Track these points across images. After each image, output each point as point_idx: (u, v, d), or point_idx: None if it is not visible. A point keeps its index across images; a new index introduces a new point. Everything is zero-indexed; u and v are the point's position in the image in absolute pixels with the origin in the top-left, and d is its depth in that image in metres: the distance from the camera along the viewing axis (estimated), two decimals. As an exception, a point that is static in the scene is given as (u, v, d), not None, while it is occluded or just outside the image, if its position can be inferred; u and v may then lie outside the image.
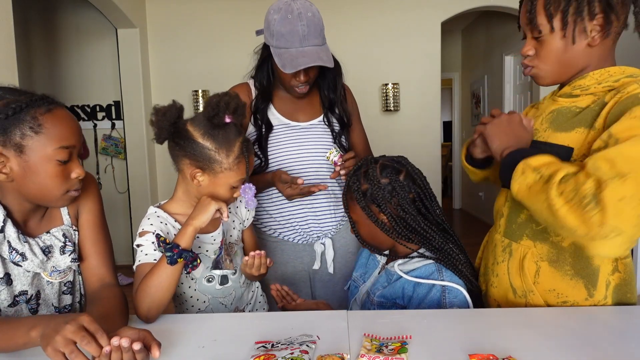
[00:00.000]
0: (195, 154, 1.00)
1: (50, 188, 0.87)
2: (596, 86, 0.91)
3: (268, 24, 1.25)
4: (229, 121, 1.00)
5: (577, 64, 0.93)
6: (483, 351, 0.75)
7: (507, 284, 1.02)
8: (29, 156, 0.83)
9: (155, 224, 1.05)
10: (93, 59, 4.16)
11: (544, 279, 0.96)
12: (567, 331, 0.83)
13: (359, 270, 1.25)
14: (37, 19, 4.14)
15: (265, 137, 1.36)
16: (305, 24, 1.20)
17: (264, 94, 1.38)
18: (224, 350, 0.80)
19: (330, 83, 1.40)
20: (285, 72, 1.22)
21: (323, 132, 1.42)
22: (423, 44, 4.10)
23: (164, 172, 4.22)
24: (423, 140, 4.15)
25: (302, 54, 1.21)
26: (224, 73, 4.06)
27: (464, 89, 6.52)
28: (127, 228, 4.22)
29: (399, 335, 0.82)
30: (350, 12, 4.03)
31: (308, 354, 0.74)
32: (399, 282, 1.05)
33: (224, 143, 1.00)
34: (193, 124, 1.01)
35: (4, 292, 0.91)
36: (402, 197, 1.03)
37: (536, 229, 0.97)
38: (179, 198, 1.12)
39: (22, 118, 0.82)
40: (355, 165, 1.11)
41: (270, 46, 1.26)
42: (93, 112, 4.20)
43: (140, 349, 0.70)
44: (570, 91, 0.95)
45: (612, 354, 0.75)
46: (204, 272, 1.12)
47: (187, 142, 1.00)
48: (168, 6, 4.08)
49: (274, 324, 0.91)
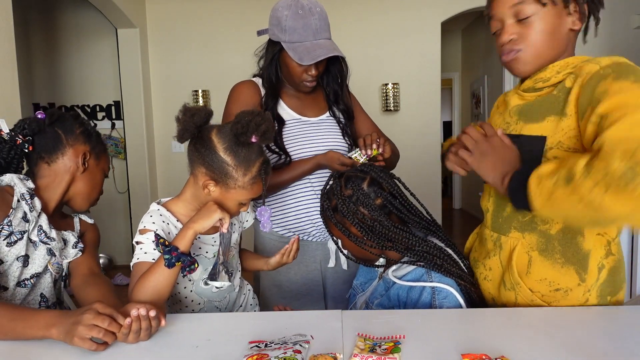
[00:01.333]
0: (212, 166, 0.99)
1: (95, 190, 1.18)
2: (556, 76, 0.93)
3: (278, 20, 1.28)
4: (254, 141, 0.98)
5: (559, 47, 0.95)
6: (476, 351, 0.75)
7: (499, 277, 1.02)
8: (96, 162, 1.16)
9: (157, 222, 1.04)
10: (93, 59, 4.17)
11: (536, 269, 0.96)
12: (559, 331, 0.83)
13: (360, 278, 1.24)
14: (37, 19, 4.15)
15: (279, 132, 1.38)
16: (317, 17, 1.26)
17: (273, 91, 1.39)
18: (217, 350, 0.81)
19: (335, 76, 1.43)
20: (303, 64, 1.25)
21: (332, 126, 1.46)
22: (423, 44, 4.10)
23: (164, 172, 4.23)
24: (423, 140, 4.15)
25: (318, 46, 1.26)
26: (224, 73, 4.07)
27: (464, 89, 6.52)
28: (127, 228, 4.23)
29: (393, 335, 0.82)
30: (350, 12, 4.03)
31: (301, 353, 0.74)
32: (393, 288, 1.05)
33: (244, 162, 0.98)
34: (218, 135, 1.00)
35: (17, 271, 1.03)
36: (367, 205, 1.03)
37: (522, 220, 0.97)
38: (185, 199, 1.11)
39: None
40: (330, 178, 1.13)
41: (282, 42, 1.28)
42: (93, 112, 4.21)
43: (155, 315, 0.82)
44: (532, 85, 0.97)
45: (604, 354, 0.75)
46: (202, 275, 1.11)
47: (207, 152, 0.99)
48: (168, 6, 4.08)
49: (268, 324, 0.91)
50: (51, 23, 4.16)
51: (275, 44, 1.33)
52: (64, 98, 4.22)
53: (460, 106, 6.69)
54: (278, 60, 1.36)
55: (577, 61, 0.92)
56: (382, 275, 1.15)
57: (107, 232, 4.28)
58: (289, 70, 1.33)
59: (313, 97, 1.46)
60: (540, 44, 0.94)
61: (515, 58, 0.96)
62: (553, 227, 0.94)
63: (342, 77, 1.44)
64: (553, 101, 0.91)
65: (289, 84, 1.40)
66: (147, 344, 0.83)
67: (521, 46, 0.95)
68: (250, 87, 1.41)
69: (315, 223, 1.41)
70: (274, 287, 1.44)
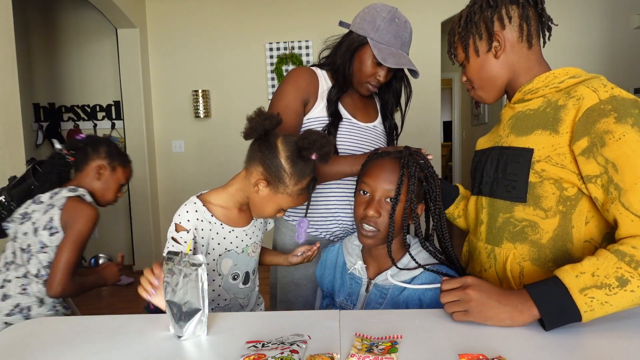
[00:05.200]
0: (271, 168, 1.07)
1: (107, 193, 1.47)
2: (544, 88, 0.98)
3: (373, 17, 1.31)
4: (314, 158, 1.07)
5: (500, 76, 1.03)
6: (473, 351, 0.75)
7: None
8: (111, 173, 1.47)
9: (192, 220, 1.09)
10: (93, 59, 4.17)
11: (528, 279, 0.97)
12: (556, 331, 0.83)
13: (340, 295, 1.16)
14: (37, 19, 4.16)
15: (335, 128, 1.38)
16: (409, 33, 1.33)
17: (344, 82, 1.38)
18: (215, 349, 0.81)
19: (395, 91, 1.49)
20: (386, 64, 1.28)
21: (380, 134, 1.49)
22: (423, 44, 4.09)
23: (164, 172, 4.23)
24: (423, 140, 4.14)
25: (402, 56, 1.31)
26: (224, 73, 4.07)
27: (464, 89, 6.49)
28: (127, 228, 4.23)
29: (390, 335, 0.83)
30: (350, 12, 4.02)
31: (298, 353, 0.74)
32: (401, 296, 1.04)
33: (299, 173, 1.07)
34: (283, 142, 1.08)
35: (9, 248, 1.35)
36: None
37: (513, 230, 0.99)
38: (229, 191, 1.16)
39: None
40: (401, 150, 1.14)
41: (369, 38, 1.31)
42: (93, 112, 4.21)
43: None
44: (522, 97, 1.02)
45: (603, 354, 0.75)
46: (232, 269, 1.15)
47: (270, 154, 1.07)
48: (168, 6, 4.09)
49: (265, 324, 0.92)
50: (51, 23, 4.16)
51: (358, 38, 1.34)
52: (64, 98, 4.22)
53: (460, 106, 6.68)
54: (354, 54, 1.36)
55: (564, 75, 0.97)
56: (370, 283, 1.11)
57: (107, 232, 4.29)
58: (360, 68, 1.35)
59: (365, 103, 1.48)
60: (486, 81, 1.05)
61: (472, 93, 1.09)
62: (544, 237, 0.95)
63: (398, 94, 1.49)
64: (543, 117, 0.95)
65: (350, 79, 1.39)
66: (145, 343, 0.84)
67: (473, 85, 1.07)
68: (311, 74, 1.40)
69: (339, 224, 1.41)
70: (292, 285, 1.44)
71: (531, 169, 0.94)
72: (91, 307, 3.25)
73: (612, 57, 4.13)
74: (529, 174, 0.94)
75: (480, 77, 1.05)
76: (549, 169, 0.92)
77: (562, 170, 0.90)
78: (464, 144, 6.58)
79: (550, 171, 0.91)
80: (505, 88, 1.06)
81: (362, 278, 1.12)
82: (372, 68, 1.34)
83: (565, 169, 0.90)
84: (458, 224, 1.25)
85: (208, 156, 4.17)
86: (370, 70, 1.34)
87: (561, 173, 0.91)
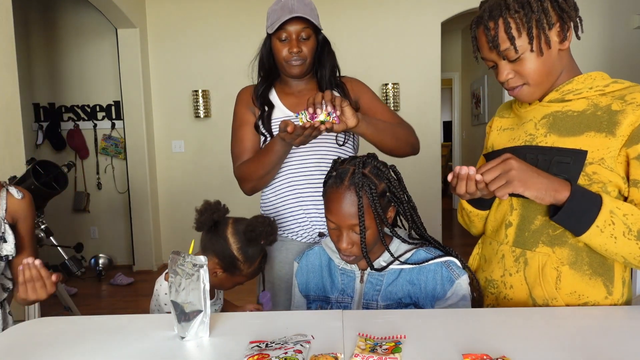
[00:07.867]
0: (224, 258, 1.17)
1: None
2: (588, 90, 0.96)
3: (267, 15, 1.36)
4: (262, 243, 1.18)
5: (556, 71, 0.97)
6: (477, 351, 0.75)
7: (526, 295, 1.00)
8: None
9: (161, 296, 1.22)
10: (93, 59, 4.16)
11: (565, 283, 0.96)
12: (560, 331, 0.83)
13: (334, 292, 1.13)
14: (37, 19, 4.15)
15: (268, 116, 1.40)
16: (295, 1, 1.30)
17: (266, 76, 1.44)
18: (218, 350, 0.81)
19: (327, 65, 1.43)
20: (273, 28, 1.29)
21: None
22: (423, 44, 4.10)
23: (164, 172, 4.22)
24: (423, 140, 4.08)
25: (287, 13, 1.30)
26: (224, 73, 4.07)
27: (464, 89, 6.51)
28: (127, 228, 4.22)
29: (394, 335, 0.82)
30: (350, 12, 4.02)
31: (302, 353, 0.74)
32: (399, 280, 1.05)
33: (250, 258, 1.19)
34: (233, 234, 1.17)
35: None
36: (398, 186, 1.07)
37: (553, 234, 0.97)
38: None
39: None
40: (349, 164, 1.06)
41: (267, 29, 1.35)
42: (93, 112, 4.21)
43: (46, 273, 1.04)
44: (560, 96, 0.98)
45: (605, 354, 0.75)
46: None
47: (222, 247, 1.16)
48: (168, 6, 4.08)
49: (268, 324, 0.91)
50: (51, 23, 4.16)
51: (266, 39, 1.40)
52: (64, 98, 4.21)
53: (460, 106, 6.68)
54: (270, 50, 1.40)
55: (601, 78, 0.96)
56: (363, 274, 1.10)
57: (107, 232, 4.29)
58: (275, 55, 1.37)
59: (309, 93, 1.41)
60: (537, 76, 0.96)
61: (520, 91, 0.99)
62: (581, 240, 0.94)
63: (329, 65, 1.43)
64: (594, 119, 0.93)
65: (280, 70, 1.41)
66: (148, 344, 0.83)
67: (521, 82, 0.98)
68: (251, 88, 1.47)
69: (301, 224, 1.39)
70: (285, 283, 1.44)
71: (582, 171, 0.91)
72: (91, 307, 3.24)
73: (612, 57, 4.13)
74: (579, 176, 0.91)
75: (543, 72, 0.95)
76: (601, 172, 0.90)
77: (611, 173, 0.90)
78: (464, 144, 6.58)
79: (602, 174, 0.90)
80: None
81: (354, 271, 1.11)
82: (281, 47, 1.35)
83: (614, 172, 0.90)
84: (474, 225, 1.18)
85: (208, 156, 4.17)
86: (282, 52, 1.35)
87: (611, 176, 0.90)
